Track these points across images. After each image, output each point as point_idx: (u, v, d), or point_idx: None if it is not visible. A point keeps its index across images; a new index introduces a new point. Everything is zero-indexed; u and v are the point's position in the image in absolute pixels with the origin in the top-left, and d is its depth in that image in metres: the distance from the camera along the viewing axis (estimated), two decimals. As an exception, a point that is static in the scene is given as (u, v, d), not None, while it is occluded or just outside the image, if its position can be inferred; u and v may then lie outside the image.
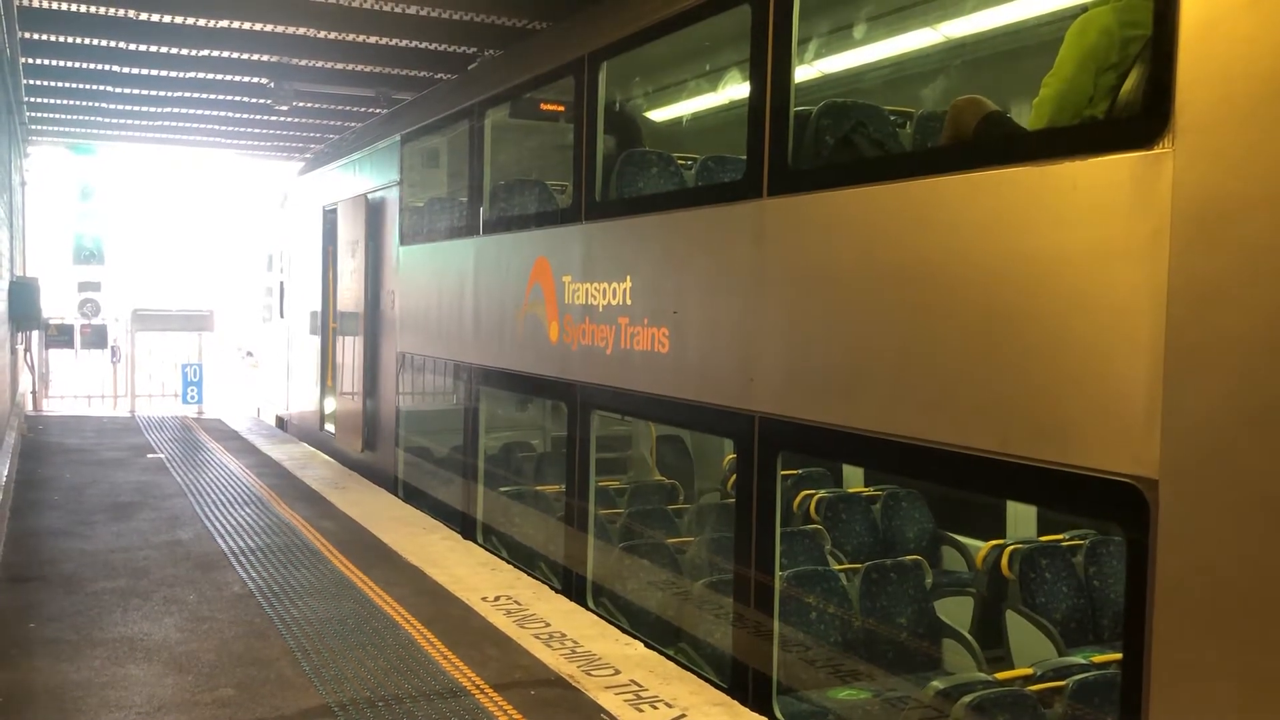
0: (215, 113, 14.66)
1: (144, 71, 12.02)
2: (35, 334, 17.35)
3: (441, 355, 9.82)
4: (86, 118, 15.61)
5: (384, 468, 11.37)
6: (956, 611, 6.30)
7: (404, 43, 10.53)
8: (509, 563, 8.01)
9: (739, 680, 5.45)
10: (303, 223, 15.40)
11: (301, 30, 10.23)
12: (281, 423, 16.76)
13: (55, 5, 9.67)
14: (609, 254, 6.79)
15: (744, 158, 5.46)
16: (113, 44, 10.83)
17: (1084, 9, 4.06)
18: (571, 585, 7.31)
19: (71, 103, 14.44)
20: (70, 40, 10.75)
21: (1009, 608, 6.03)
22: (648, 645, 6.09)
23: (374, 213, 11.80)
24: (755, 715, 5.11)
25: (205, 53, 11.02)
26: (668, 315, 6.04)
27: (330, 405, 13.71)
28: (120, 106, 14.33)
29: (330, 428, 13.63)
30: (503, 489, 9.31)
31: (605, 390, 6.83)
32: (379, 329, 11.67)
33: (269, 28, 10.22)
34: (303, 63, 11.48)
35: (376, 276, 11.72)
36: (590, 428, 7.17)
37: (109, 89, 13.14)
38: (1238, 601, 3.04)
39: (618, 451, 10.15)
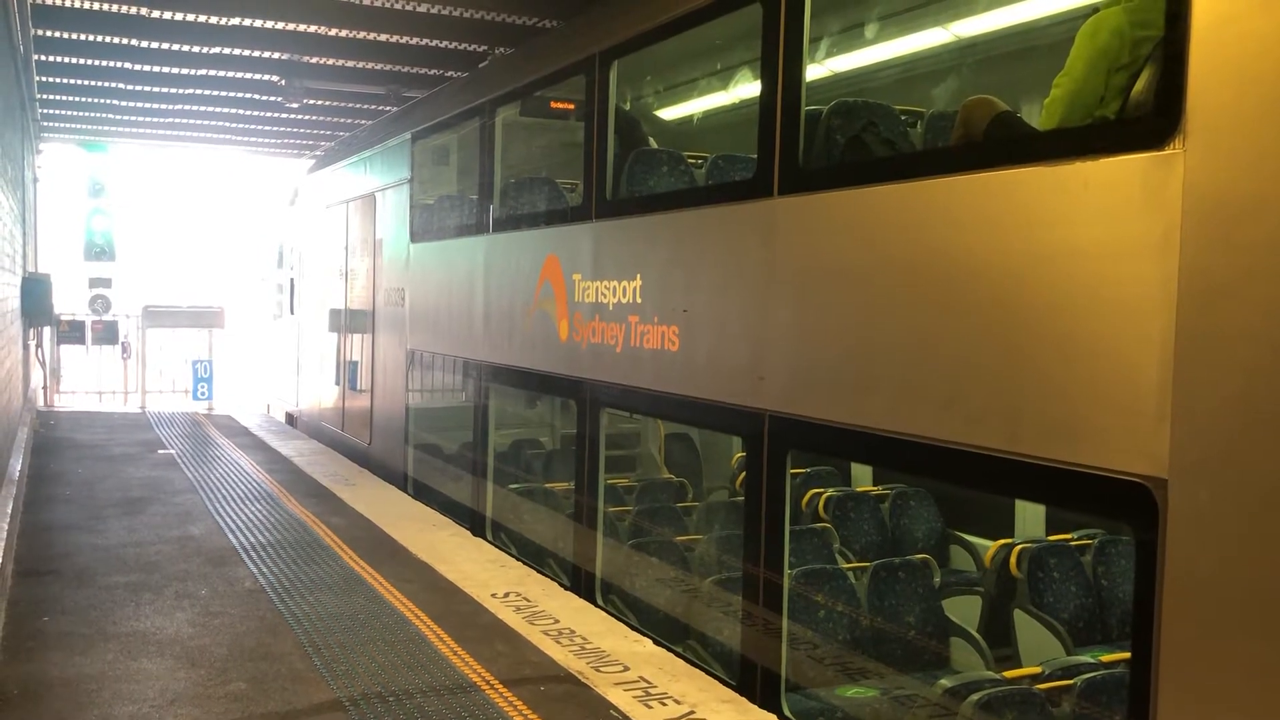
0: (226, 110, 14.70)
1: (155, 69, 12.06)
2: (47, 330, 17.44)
3: (451, 353, 9.85)
4: (98, 115, 15.68)
5: (394, 464, 11.41)
6: (965, 610, 6.32)
7: (415, 40, 10.56)
8: (518, 559, 8.04)
9: (747, 677, 5.46)
10: (312, 220, 15.46)
11: (312, 28, 10.27)
12: (291, 419, 16.83)
13: (67, 2, 9.73)
14: (619, 252, 6.80)
15: (754, 156, 5.47)
16: (124, 41, 10.88)
17: (1095, 9, 4.07)
18: (580, 582, 7.33)
19: (83, 100, 14.50)
20: (82, 37, 10.80)
21: (1017, 607, 6.04)
22: (657, 642, 6.11)
23: (384, 210, 11.83)
24: (763, 712, 5.12)
25: (216, 50, 11.07)
26: (677, 313, 6.06)
27: (341, 402, 13.77)
28: (132, 104, 14.39)
29: (341, 424, 13.68)
30: (512, 486, 9.33)
31: (615, 388, 6.84)
32: (389, 326, 11.70)
33: (280, 25, 10.26)
34: (313, 60, 11.52)
35: (387, 274, 11.75)
36: (599, 425, 7.19)
37: (121, 86, 13.19)
38: (1247, 601, 3.04)
39: (627, 449, 10.17)
